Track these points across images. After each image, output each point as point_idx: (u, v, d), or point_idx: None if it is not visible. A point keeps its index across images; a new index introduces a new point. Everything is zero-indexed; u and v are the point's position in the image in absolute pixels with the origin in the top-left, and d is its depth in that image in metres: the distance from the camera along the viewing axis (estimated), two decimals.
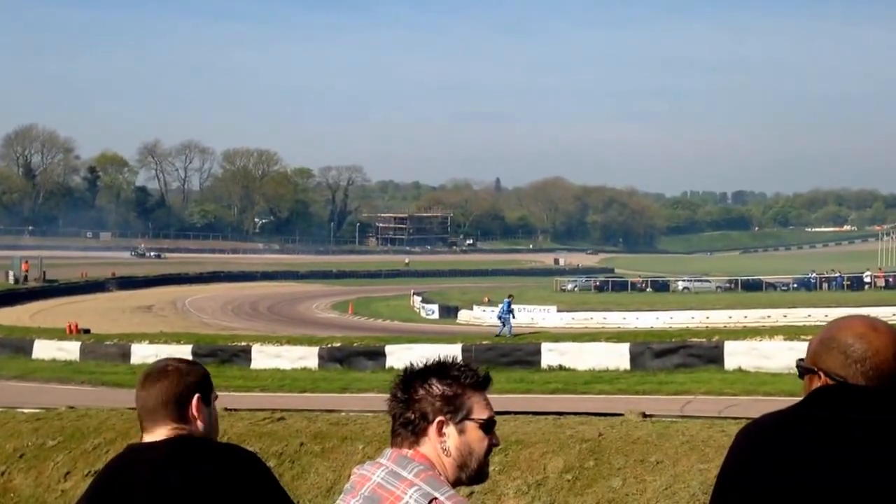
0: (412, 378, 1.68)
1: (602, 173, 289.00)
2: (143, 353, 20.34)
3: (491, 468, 1.76)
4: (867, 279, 59.03)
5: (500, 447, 1.74)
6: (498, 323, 25.70)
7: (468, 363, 1.71)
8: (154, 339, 22.19)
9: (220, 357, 19.76)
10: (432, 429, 1.63)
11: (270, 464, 6.11)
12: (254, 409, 8.70)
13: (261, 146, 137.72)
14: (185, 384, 2.01)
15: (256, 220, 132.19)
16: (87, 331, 25.46)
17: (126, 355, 21.01)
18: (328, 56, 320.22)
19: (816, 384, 1.62)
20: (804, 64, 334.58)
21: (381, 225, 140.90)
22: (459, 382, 1.66)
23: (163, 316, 42.71)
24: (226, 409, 7.66)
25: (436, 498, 1.54)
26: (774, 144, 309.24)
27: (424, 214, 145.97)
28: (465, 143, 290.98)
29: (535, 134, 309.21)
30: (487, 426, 1.66)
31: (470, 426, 1.64)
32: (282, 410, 8.25)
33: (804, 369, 1.66)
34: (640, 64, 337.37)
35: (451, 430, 1.63)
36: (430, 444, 1.63)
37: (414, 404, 1.64)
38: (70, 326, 26.11)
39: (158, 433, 1.97)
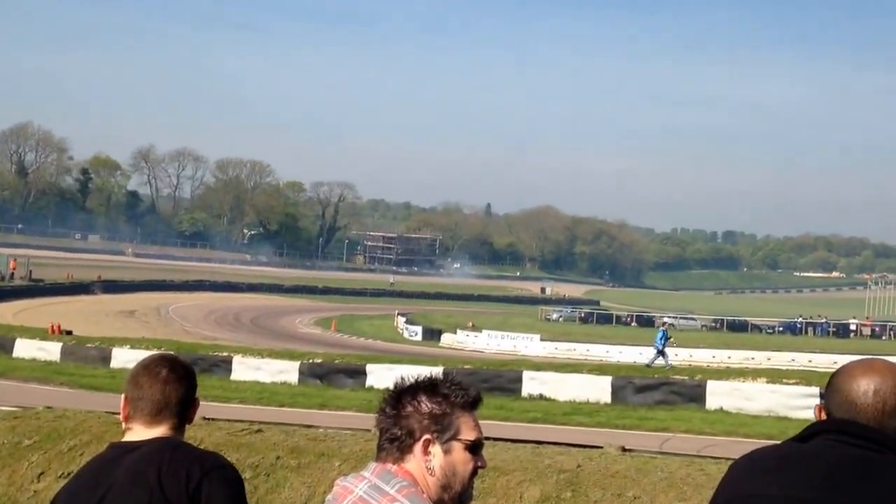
0: (402, 393, 1.65)
1: (593, 205, 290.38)
2: (124, 358, 20.17)
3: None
4: (853, 327, 59.33)
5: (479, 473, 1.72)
6: (653, 356, 23.89)
7: (459, 382, 1.68)
8: (135, 344, 22.01)
9: (200, 366, 19.53)
10: (418, 446, 1.61)
11: (246, 476, 6.07)
12: (232, 419, 8.64)
13: (254, 157, 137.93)
14: (192, 384, 2.02)
15: (245, 230, 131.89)
16: (69, 332, 25.26)
17: (106, 359, 20.83)
18: (327, 71, 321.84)
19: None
20: (802, 110, 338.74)
21: (369, 243, 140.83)
22: (449, 401, 1.63)
23: (145, 321, 42.42)
24: (204, 419, 7.60)
25: None
26: (767, 187, 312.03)
27: (413, 235, 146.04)
28: (458, 166, 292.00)
29: (529, 161, 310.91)
30: (474, 448, 1.63)
31: (456, 447, 1.61)
32: (260, 423, 8.20)
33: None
34: (640, 98, 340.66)
35: (436, 449, 1.61)
36: (414, 462, 1.61)
37: (401, 420, 1.62)
38: (52, 327, 25.89)
39: (149, 432, 1.94)
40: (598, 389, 16.89)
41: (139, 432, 1.95)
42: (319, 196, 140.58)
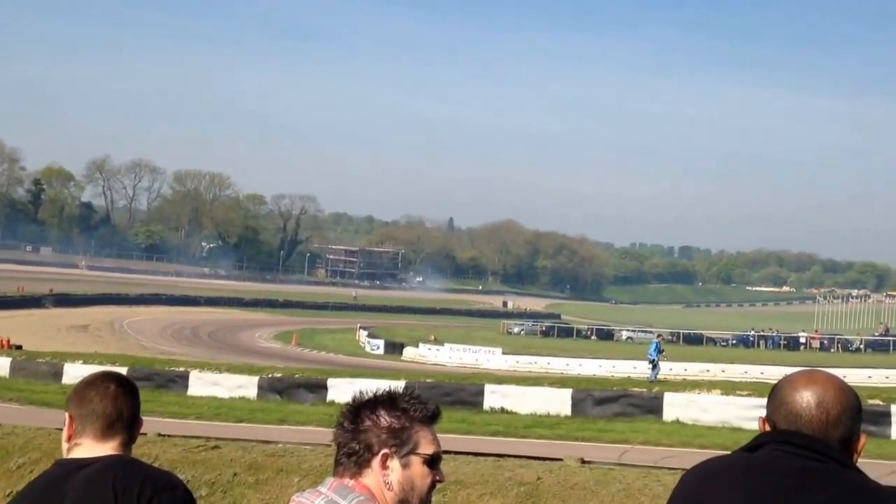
0: (360, 407, 1.64)
1: (555, 219, 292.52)
2: (76, 374, 19.69)
3: None
4: (803, 340, 60.85)
5: (438, 487, 1.71)
6: (649, 370, 23.74)
7: (418, 395, 1.67)
8: (88, 359, 21.54)
9: (156, 382, 19.26)
10: (376, 461, 1.59)
11: (202, 493, 5.96)
12: (188, 436, 8.50)
13: (214, 169, 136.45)
14: (139, 400, 1.99)
15: (204, 243, 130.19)
16: (18, 347, 24.69)
17: (58, 374, 20.36)
18: (291, 84, 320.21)
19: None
20: (755, 126, 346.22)
21: (331, 257, 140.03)
22: (408, 415, 1.63)
23: (99, 336, 41.56)
24: (159, 435, 7.48)
25: None
26: (722, 202, 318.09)
27: (375, 249, 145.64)
28: (421, 180, 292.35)
29: (492, 176, 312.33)
30: (432, 462, 1.62)
31: (414, 461, 1.61)
32: (217, 439, 8.08)
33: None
34: (598, 114, 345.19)
35: (395, 463, 1.60)
36: (372, 476, 1.59)
37: (360, 435, 1.61)
38: (2, 341, 25.30)
39: (100, 448, 1.89)
40: (559, 402, 17.01)
41: (89, 448, 1.89)
42: (281, 209, 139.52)
